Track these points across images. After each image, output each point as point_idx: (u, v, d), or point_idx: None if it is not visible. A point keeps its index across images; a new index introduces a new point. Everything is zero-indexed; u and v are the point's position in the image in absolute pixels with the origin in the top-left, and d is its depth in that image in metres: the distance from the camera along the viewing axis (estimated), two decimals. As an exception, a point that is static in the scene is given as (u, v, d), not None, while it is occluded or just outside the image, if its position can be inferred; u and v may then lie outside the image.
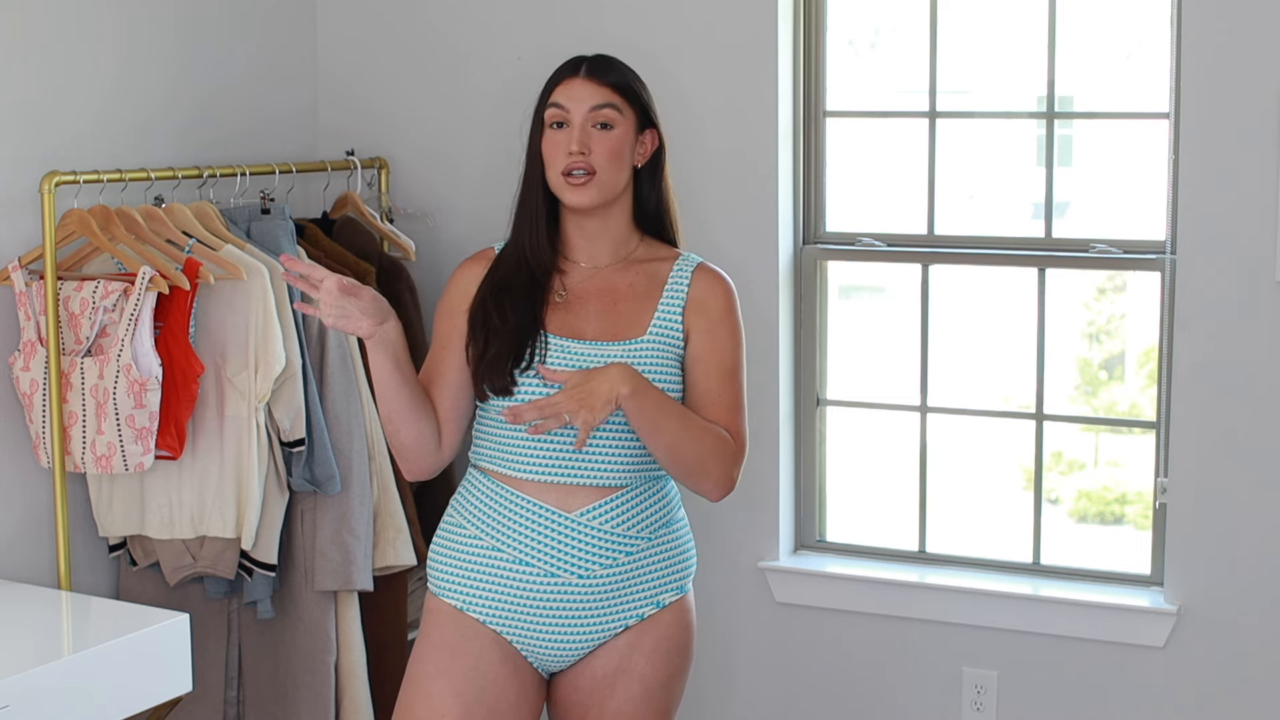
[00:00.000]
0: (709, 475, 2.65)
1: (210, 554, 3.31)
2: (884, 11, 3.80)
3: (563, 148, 2.65)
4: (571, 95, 2.66)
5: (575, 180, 2.64)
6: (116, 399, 3.10)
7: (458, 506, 2.72)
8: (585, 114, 2.65)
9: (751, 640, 3.77)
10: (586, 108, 2.65)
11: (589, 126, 2.65)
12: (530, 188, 2.71)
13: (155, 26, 3.57)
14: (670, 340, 2.68)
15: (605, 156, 2.65)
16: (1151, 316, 3.46)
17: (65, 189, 3.22)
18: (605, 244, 2.73)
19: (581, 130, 2.64)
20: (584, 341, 2.65)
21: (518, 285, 2.68)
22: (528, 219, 2.71)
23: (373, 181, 3.93)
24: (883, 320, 4.02)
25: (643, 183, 2.75)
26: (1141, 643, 3.41)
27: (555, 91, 2.68)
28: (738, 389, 2.71)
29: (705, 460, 2.64)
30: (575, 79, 2.68)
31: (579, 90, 2.66)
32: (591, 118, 2.65)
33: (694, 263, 2.75)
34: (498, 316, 2.65)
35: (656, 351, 2.66)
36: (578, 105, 2.65)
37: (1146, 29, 3.52)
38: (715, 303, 2.72)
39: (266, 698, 3.47)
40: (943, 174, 3.63)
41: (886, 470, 3.85)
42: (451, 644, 2.65)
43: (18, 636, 2.91)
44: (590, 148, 2.64)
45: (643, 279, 2.72)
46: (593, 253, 2.73)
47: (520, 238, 2.72)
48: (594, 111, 2.65)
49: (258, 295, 3.21)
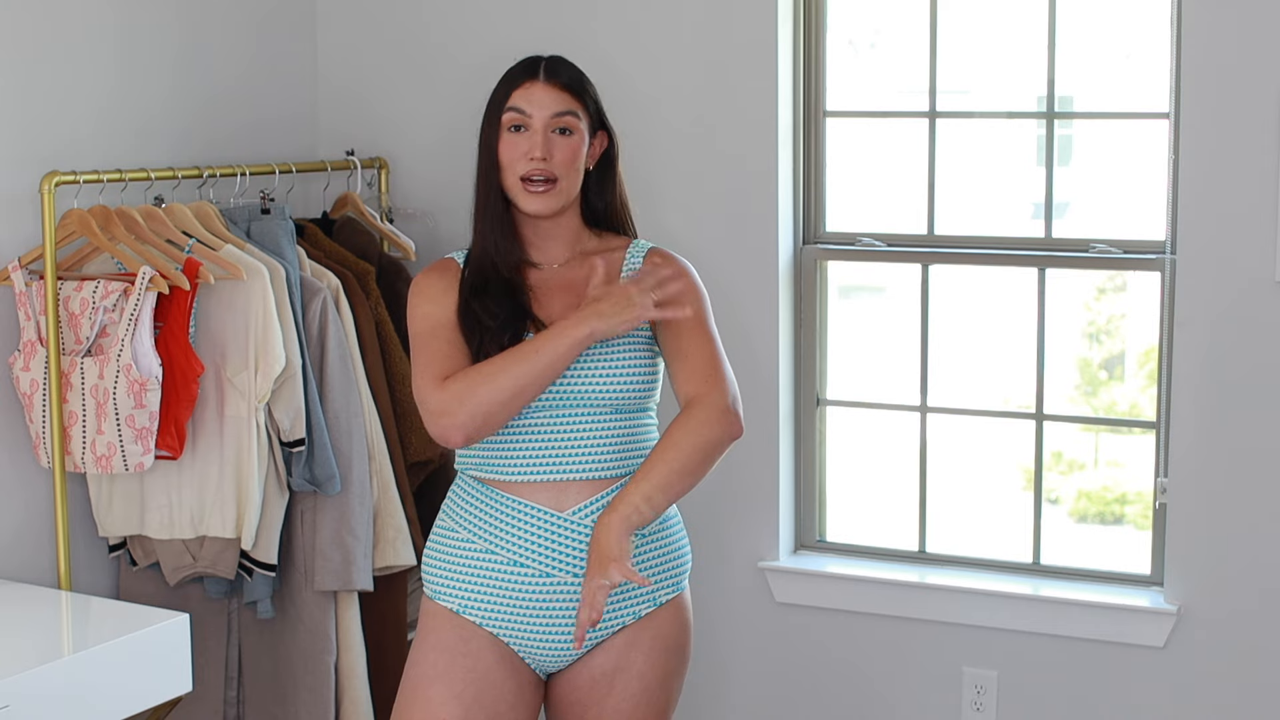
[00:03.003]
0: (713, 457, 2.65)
1: (210, 554, 3.31)
2: (884, 11, 3.80)
3: (522, 152, 2.63)
4: (532, 100, 2.64)
5: (535, 188, 2.63)
6: (116, 399, 3.10)
7: (449, 512, 2.72)
8: (546, 119, 2.64)
9: (751, 640, 3.77)
10: (548, 114, 2.64)
11: (549, 132, 2.64)
12: (490, 191, 2.68)
13: (156, 27, 3.57)
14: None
15: (565, 164, 2.64)
16: (1151, 316, 3.46)
17: (65, 189, 3.22)
18: (560, 243, 2.73)
19: (544, 136, 2.63)
20: None
21: (495, 287, 2.67)
22: (494, 224, 2.69)
23: (373, 181, 3.93)
24: (883, 320, 4.02)
25: (591, 183, 2.75)
26: (1141, 643, 3.41)
27: (514, 95, 2.65)
28: (706, 343, 2.67)
29: (708, 462, 2.64)
30: (535, 83, 2.65)
31: (539, 95, 2.64)
32: (553, 124, 2.64)
33: (644, 247, 2.75)
34: (487, 316, 2.64)
35: (624, 339, 2.65)
36: (539, 111, 2.64)
37: (1146, 29, 3.52)
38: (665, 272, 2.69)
39: (266, 698, 3.47)
40: (943, 174, 3.63)
41: (886, 470, 3.85)
42: (449, 647, 2.65)
43: (18, 636, 2.91)
44: (551, 154, 2.63)
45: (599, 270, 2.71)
46: (549, 251, 2.73)
47: (486, 243, 2.69)
48: (555, 118, 2.64)
49: (258, 295, 3.21)
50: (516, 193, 2.65)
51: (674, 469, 2.59)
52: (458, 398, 2.57)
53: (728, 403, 2.64)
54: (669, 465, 2.59)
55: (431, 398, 2.60)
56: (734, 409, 2.64)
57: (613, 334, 2.56)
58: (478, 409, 2.56)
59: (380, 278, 3.64)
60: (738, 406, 2.66)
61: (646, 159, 3.69)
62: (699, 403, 2.63)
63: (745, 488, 3.71)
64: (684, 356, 2.66)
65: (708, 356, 2.66)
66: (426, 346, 2.66)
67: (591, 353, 2.62)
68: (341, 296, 3.45)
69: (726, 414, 2.63)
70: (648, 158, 3.70)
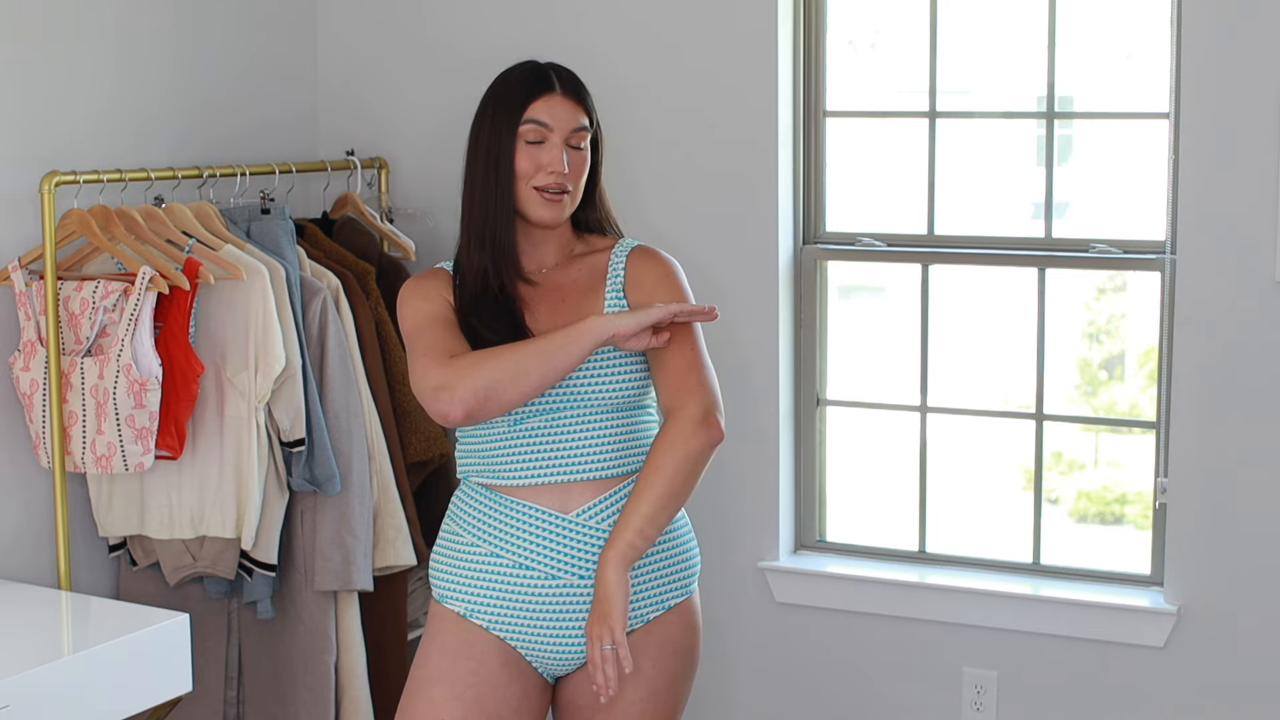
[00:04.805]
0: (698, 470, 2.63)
1: (210, 554, 3.31)
2: (884, 11, 3.80)
3: (541, 164, 2.64)
4: (554, 114, 2.65)
5: (552, 197, 2.64)
6: (116, 399, 3.10)
7: (454, 517, 2.71)
8: (567, 134, 2.65)
9: (751, 640, 3.77)
10: (569, 128, 2.65)
11: (567, 145, 2.65)
12: (500, 199, 2.66)
13: (155, 27, 3.57)
14: None
15: (577, 175, 2.67)
16: (1151, 316, 3.46)
17: (65, 189, 3.22)
18: (551, 249, 2.73)
19: (565, 150, 2.65)
20: None
21: (491, 299, 2.66)
22: (500, 233, 2.67)
23: (373, 181, 3.93)
24: (883, 320, 4.02)
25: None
26: (1141, 643, 3.41)
27: (534, 107, 2.65)
28: (688, 348, 2.66)
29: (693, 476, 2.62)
30: (554, 95, 2.66)
31: (559, 109, 2.65)
32: (572, 138, 2.66)
33: (629, 246, 2.75)
34: (486, 330, 2.63)
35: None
36: (561, 125, 2.65)
37: (1146, 29, 3.52)
38: (649, 273, 2.70)
39: (266, 698, 3.47)
40: (943, 174, 3.63)
41: (886, 470, 3.85)
42: (453, 649, 2.65)
43: (18, 636, 2.91)
44: (568, 168, 2.65)
45: (585, 273, 2.72)
46: (539, 258, 2.73)
47: (487, 251, 2.67)
48: (575, 133, 2.66)
49: (258, 295, 3.21)
50: (530, 202, 2.65)
51: (659, 494, 2.58)
52: (459, 372, 2.54)
53: (702, 412, 2.61)
54: (655, 491, 2.58)
55: (432, 373, 2.56)
56: (712, 415, 2.62)
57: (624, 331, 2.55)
58: (480, 384, 2.52)
59: (380, 278, 3.64)
60: (716, 413, 2.63)
61: (645, 159, 3.69)
62: (674, 416, 2.62)
63: (745, 488, 3.71)
64: (662, 364, 2.65)
65: (685, 364, 2.65)
66: (424, 335, 2.63)
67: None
68: (341, 296, 3.45)
69: (703, 424, 2.61)
70: (647, 158, 3.70)
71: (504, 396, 2.54)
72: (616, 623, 2.53)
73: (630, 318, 2.56)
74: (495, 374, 2.53)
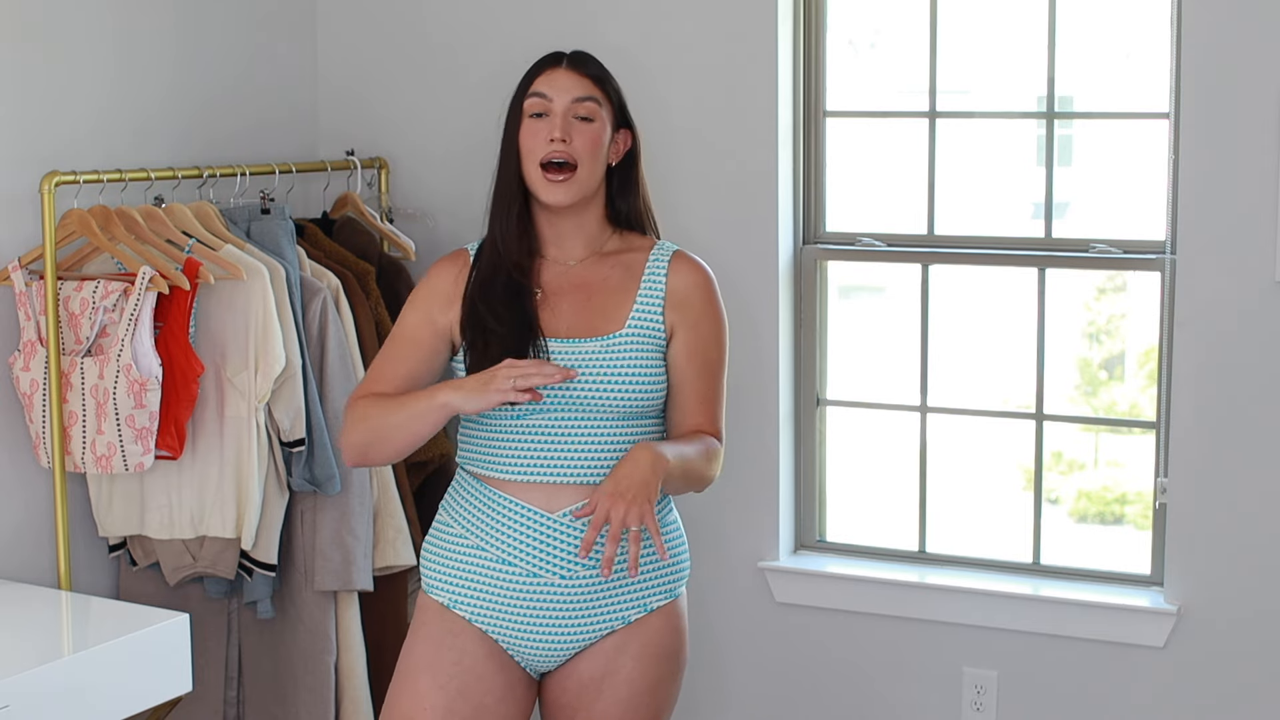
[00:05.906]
0: (705, 483, 2.68)
1: (210, 554, 3.31)
2: (884, 11, 3.80)
3: (542, 137, 2.62)
4: (554, 85, 2.64)
5: (554, 176, 2.62)
6: (116, 399, 3.10)
7: (447, 507, 2.71)
8: (568, 104, 2.63)
9: (752, 640, 3.77)
10: (570, 98, 2.63)
11: (570, 118, 2.63)
12: (506, 181, 2.67)
13: (155, 27, 3.57)
14: (650, 334, 2.64)
15: (586, 150, 2.63)
16: (1151, 316, 3.46)
17: (65, 189, 3.22)
18: (579, 240, 2.70)
19: (564, 120, 2.62)
20: (558, 340, 2.62)
21: (501, 284, 2.66)
22: (502, 213, 2.68)
23: (373, 181, 3.93)
24: (883, 320, 4.02)
25: (614, 182, 2.73)
26: (1141, 643, 3.41)
27: (537, 81, 2.65)
28: (720, 383, 2.70)
29: (705, 475, 2.66)
30: (558, 69, 2.66)
31: (562, 80, 2.64)
32: (574, 109, 2.63)
33: (670, 251, 2.72)
34: (493, 319, 2.62)
35: (636, 345, 2.62)
36: (561, 95, 2.63)
37: (1146, 29, 3.52)
38: (697, 295, 2.69)
39: (266, 698, 3.47)
40: (943, 174, 3.63)
41: (886, 470, 3.85)
42: (437, 639, 2.64)
43: (18, 636, 2.91)
44: (571, 138, 2.62)
45: (618, 272, 2.69)
46: (566, 248, 2.70)
47: (498, 236, 2.68)
48: (576, 103, 2.63)
49: (258, 295, 3.21)
50: (537, 184, 2.63)
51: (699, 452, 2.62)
52: (354, 419, 2.66)
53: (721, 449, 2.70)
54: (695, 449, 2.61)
55: (349, 405, 2.69)
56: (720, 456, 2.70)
57: (467, 410, 2.55)
58: (359, 438, 2.65)
59: (380, 278, 3.64)
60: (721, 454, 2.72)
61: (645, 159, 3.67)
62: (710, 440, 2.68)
63: (745, 488, 3.71)
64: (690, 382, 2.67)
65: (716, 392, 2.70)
66: (383, 350, 2.73)
67: (599, 358, 2.60)
68: (341, 296, 3.45)
69: (720, 459, 2.69)
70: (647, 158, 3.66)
71: (379, 453, 2.67)
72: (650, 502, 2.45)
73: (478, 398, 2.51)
74: (367, 435, 2.64)
